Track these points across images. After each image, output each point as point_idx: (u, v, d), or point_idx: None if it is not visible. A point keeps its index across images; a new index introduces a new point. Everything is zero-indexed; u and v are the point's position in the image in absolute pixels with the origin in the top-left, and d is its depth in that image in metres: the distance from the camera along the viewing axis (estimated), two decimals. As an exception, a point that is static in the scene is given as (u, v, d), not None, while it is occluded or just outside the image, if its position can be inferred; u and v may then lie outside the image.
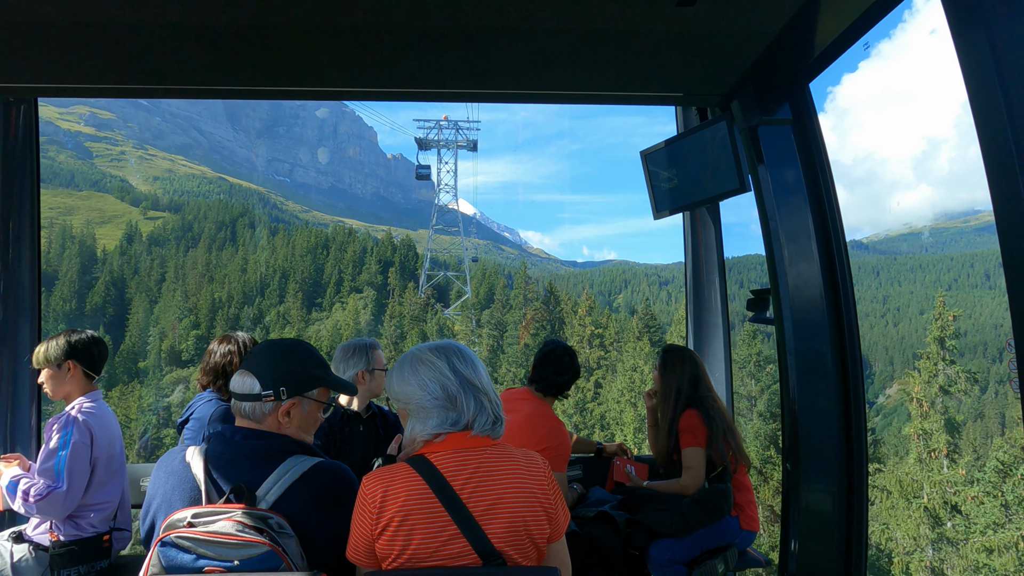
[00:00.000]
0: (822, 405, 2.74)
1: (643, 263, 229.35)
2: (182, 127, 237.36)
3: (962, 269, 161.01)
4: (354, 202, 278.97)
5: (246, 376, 1.80)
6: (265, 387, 1.78)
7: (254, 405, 1.78)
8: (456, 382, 1.68)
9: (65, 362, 2.77)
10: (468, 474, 1.64)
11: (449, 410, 1.68)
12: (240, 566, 1.56)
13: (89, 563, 2.66)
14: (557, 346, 3.24)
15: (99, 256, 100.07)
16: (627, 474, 3.48)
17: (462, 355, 1.73)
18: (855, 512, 2.69)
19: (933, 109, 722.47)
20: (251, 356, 1.84)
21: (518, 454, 1.72)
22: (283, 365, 1.81)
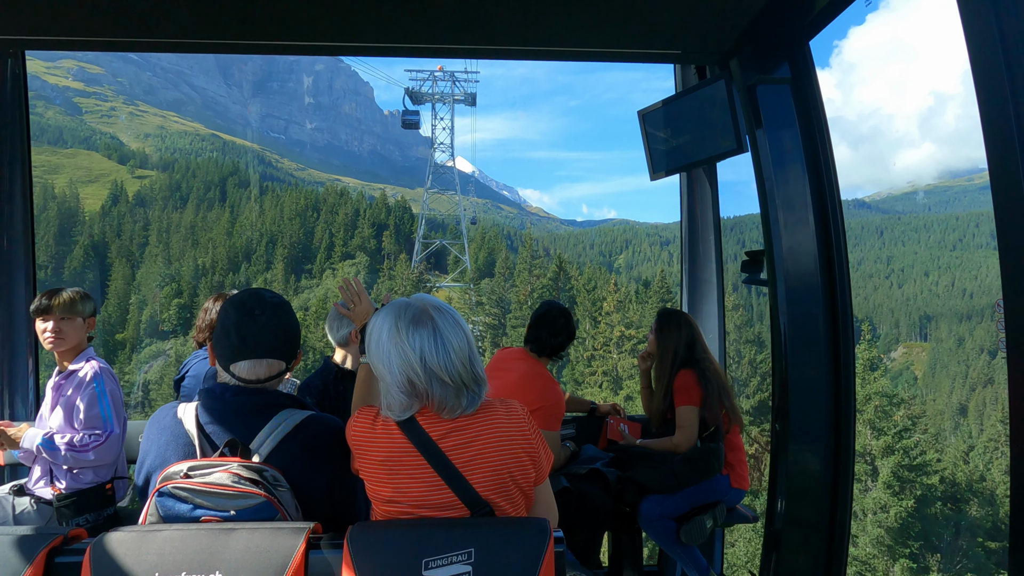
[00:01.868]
0: (812, 367, 2.78)
1: (644, 222, 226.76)
2: (173, 82, 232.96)
3: (967, 229, 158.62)
4: (351, 160, 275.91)
5: (265, 361, 1.79)
6: (289, 360, 1.85)
7: (279, 379, 1.83)
8: (423, 377, 1.62)
9: (90, 317, 2.86)
10: (448, 428, 1.66)
11: (412, 398, 1.64)
12: (236, 516, 1.60)
13: (95, 511, 2.72)
14: (552, 307, 3.28)
15: (85, 218, 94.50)
16: (620, 432, 3.54)
17: (436, 340, 1.63)
18: (841, 473, 2.75)
19: (941, 63, 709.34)
20: (257, 340, 1.78)
21: (497, 404, 1.73)
22: (291, 331, 1.85)
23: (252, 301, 1.82)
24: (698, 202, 4.03)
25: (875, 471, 26.30)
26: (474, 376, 1.66)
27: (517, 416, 1.73)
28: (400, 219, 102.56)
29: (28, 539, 1.56)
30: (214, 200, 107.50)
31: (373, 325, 1.69)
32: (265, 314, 1.80)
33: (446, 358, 1.62)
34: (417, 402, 1.64)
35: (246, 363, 1.79)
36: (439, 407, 1.64)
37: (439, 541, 1.53)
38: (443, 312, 1.68)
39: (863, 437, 26.30)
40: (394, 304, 1.71)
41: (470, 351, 1.66)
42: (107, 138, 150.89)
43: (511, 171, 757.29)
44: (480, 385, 1.68)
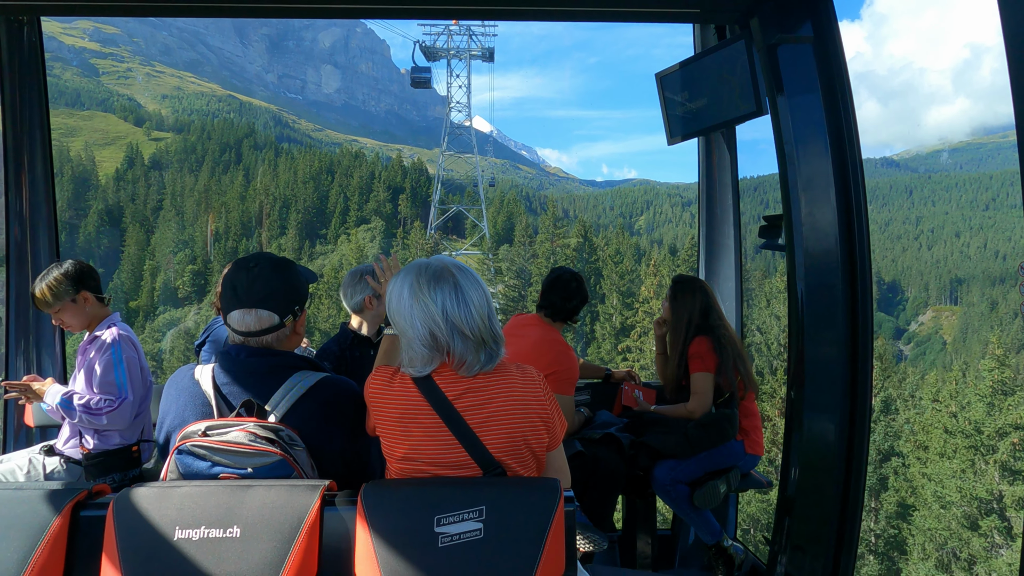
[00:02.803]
0: (829, 334, 2.75)
1: (664, 182, 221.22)
2: (189, 42, 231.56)
3: (1001, 187, 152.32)
4: (368, 120, 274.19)
5: (255, 312, 1.80)
6: (284, 315, 1.82)
7: (276, 335, 1.83)
8: (446, 330, 1.64)
9: (79, 295, 2.79)
10: (464, 389, 1.68)
11: (434, 352, 1.66)
12: (253, 473, 1.64)
13: (122, 471, 2.80)
14: (564, 272, 3.29)
15: (101, 182, 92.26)
16: (635, 399, 3.56)
17: (458, 295, 1.66)
18: (856, 442, 2.74)
19: (978, 14, 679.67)
20: (249, 290, 1.80)
21: (513, 369, 1.75)
22: (287, 285, 1.84)
23: (251, 257, 1.86)
24: (716, 164, 3.96)
25: (1009, 527, 19.05)
26: (493, 333, 1.69)
27: (533, 382, 1.74)
28: (416, 182, 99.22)
29: (55, 493, 1.62)
30: (230, 162, 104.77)
31: (394, 285, 1.72)
32: (259, 266, 1.83)
33: (467, 312, 1.65)
34: (438, 356, 1.67)
35: (237, 313, 1.81)
36: (459, 363, 1.67)
37: (451, 498, 1.56)
38: (463, 270, 1.71)
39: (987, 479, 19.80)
40: (414, 264, 1.73)
41: (489, 308, 1.69)
42: (124, 100, 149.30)
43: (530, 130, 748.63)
44: (498, 343, 1.70)
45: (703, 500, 3.07)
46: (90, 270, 2.85)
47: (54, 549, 1.54)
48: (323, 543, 1.59)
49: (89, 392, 2.71)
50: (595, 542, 2.80)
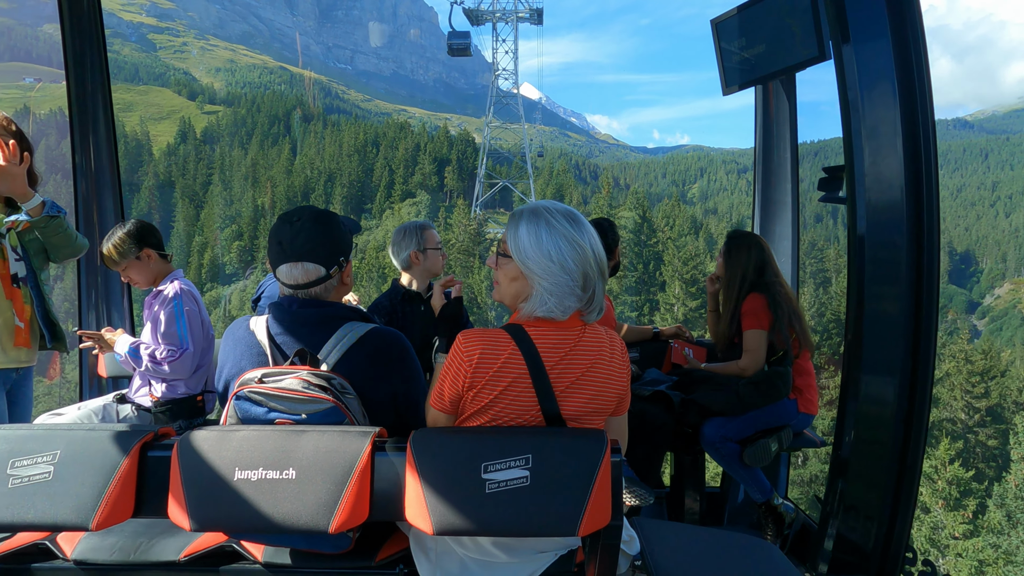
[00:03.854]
0: (891, 290, 2.64)
1: (719, 148, 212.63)
2: (241, 15, 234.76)
3: None
4: (416, 89, 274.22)
5: (301, 264, 1.82)
6: (329, 266, 1.85)
7: (324, 286, 1.85)
8: (596, 269, 1.63)
9: (142, 252, 2.89)
10: (562, 354, 1.67)
11: (580, 296, 1.64)
12: (307, 419, 1.69)
13: (187, 419, 2.94)
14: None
15: (155, 155, 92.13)
16: (684, 356, 3.51)
17: (594, 235, 1.66)
18: (917, 404, 2.64)
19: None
20: (288, 245, 1.83)
21: (605, 337, 1.74)
22: (330, 238, 1.86)
23: (294, 211, 1.89)
24: (774, 119, 3.81)
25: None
26: (598, 274, 1.67)
27: (619, 351, 1.74)
28: (463, 153, 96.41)
29: (125, 434, 1.70)
30: (278, 135, 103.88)
31: (518, 230, 1.66)
32: (302, 220, 1.85)
33: (602, 256, 1.67)
34: (581, 301, 1.66)
35: (285, 267, 1.84)
36: (593, 307, 1.67)
37: (498, 446, 1.57)
38: (574, 216, 1.68)
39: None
40: (529, 208, 1.69)
41: (602, 255, 1.67)
42: (179, 74, 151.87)
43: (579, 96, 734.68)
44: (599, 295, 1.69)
45: (753, 458, 3.03)
46: (152, 228, 2.95)
47: (125, 485, 1.63)
48: (374, 487, 1.62)
49: (154, 343, 2.83)
50: (641, 497, 2.80)
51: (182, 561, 1.84)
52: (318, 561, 1.82)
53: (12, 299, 2.43)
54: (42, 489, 1.61)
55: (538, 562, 1.74)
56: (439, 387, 1.72)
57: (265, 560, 1.83)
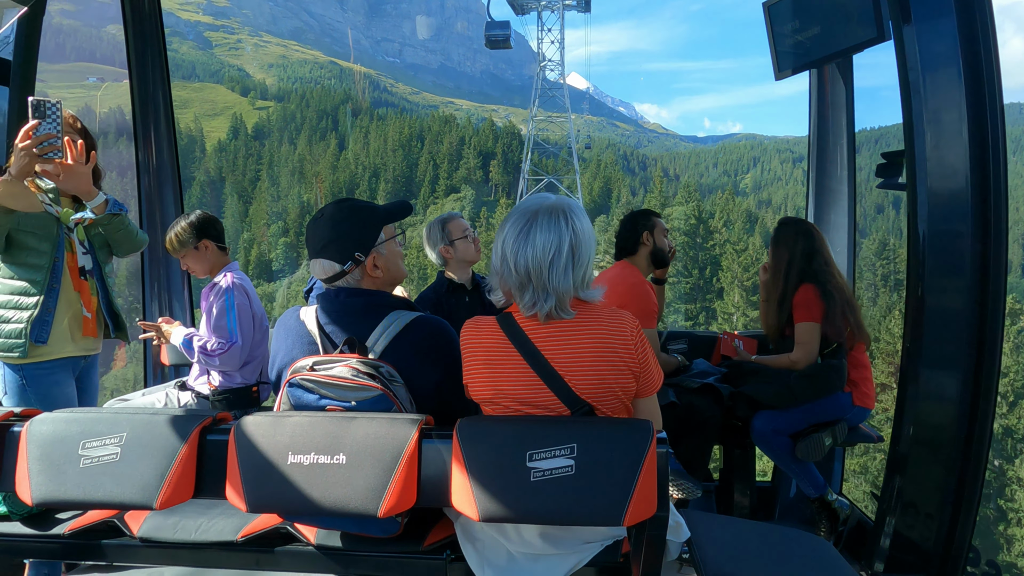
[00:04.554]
0: (955, 282, 2.53)
1: (772, 136, 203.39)
2: (293, 11, 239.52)
3: None
4: (464, 81, 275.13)
5: (320, 261, 1.90)
6: (343, 262, 1.88)
7: (345, 279, 1.91)
8: (501, 266, 1.72)
9: (200, 242, 3.00)
10: (549, 330, 1.71)
11: (501, 287, 1.76)
12: (357, 406, 1.73)
13: (243, 408, 3.04)
14: (624, 215, 3.44)
15: (208, 151, 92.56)
16: (734, 348, 3.45)
17: (528, 232, 1.69)
18: (982, 399, 2.53)
19: None
20: (311, 242, 1.92)
21: (603, 313, 1.74)
22: (342, 234, 1.89)
23: (323, 208, 1.94)
24: (829, 105, 3.69)
25: None
26: (554, 283, 1.66)
27: (622, 327, 1.72)
28: (508, 146, 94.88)
29: (185, 419, 1.78)
30: (326, 129, 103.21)
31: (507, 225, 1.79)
32: (323, 217, 1.91)
33: (527, 253, 1.67)
34: (506, 293, 1.76)
35: (312, 262, 1.93)
36: (524, 305, 1.71)
37: (543, 435, 1.58)
38: (554, 210, 1.70)
39: None
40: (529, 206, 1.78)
41: (558, 255, 1.66)
42: (234, 70, 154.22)
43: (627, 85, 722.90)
44: (562, 294, 1.68)
45: (806, 452, 2.96)
46: (213, 221, 3.06)
47: (186, 467, 1.70)
48: (421, 473, 1.65)
49: (208, 334, 2.94)
50: (688, 490, 2.78)
51: (239, 541, 1.91)
52: (368, 544, 1.86)
53: (80, 291, 2.55)
54: (110, 469, 1.70)
55: (584, 552, 1.75)
56: (463, 380, 1.81)
57: (317, 542, 1.89)
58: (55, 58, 37.32)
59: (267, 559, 1.93)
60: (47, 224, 2.44)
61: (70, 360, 2.56)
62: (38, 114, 2.20)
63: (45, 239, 2.43)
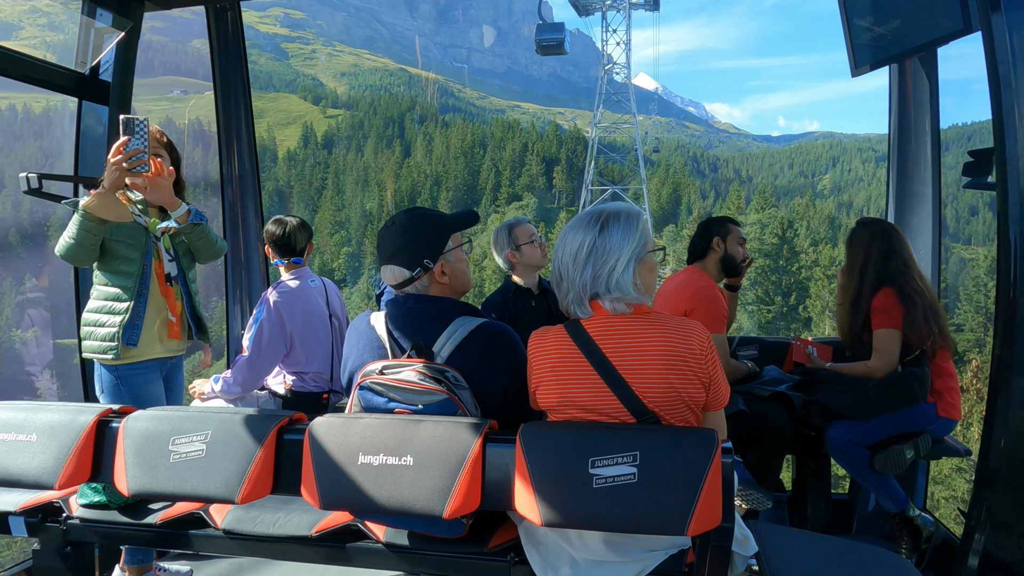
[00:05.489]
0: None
1: (853, 134, 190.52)
2: (365, 20, 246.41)
3: None
4: (530, 84, 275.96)
5: (390, 267, 1.97)
6: (413, 268, 1.94)
7: (415, 285, 1.96)
8: (556, 270, 1.82)
9: (265, 247, 3.24)
10: (616, 338, 1.72)
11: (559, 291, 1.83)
12: (423, 409, 1.78)
13: (312, 411, 3.18)
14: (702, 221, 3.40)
15: (280, 159, 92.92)
16: (807, 355, 3.33)
17: (569, 238, 1.79)
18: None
19: None
20: (382, 248, 1.98)
21: (671, 322, 1.74)
22: (412, 242, 1.95)
23: (394, 216, 2.01)
24: (911, 101, 3.50)
25: None
26: (583, 282, 1.75)
27: (691, 336, 1.71)
28: (573, 151, 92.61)
29: (264, 418, 1.88)
30: (392, 137, 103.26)
31: None
32: (394, 225, 1.97)
33: (558, 254, 1.80)
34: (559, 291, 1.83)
35: (382, 268, 2.00)
36: (564, 304, 1.81)
37: (606, 442, 1.58)
38: (597, 216, 1.79)
39: None
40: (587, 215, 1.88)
41: (577, 252, 1.75)
42: (307, 80, 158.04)
43: (697, 85, 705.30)
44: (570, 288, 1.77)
45: (885, 465, 2.83)
46: (275, 235, 3.18)
47: (264, 464, 1.80)
48: (485, 477, 1.69)
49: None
50: (757, 500, 2.70)
51: (314, 536, 2.00)
52: (434, 544, 1.91)
53: (166, 296, 2.72)
54: (196, 464, 1.81)
55: (647, 561, 1.74)
56: (528, 388, 1.87)
57: (386, 540, 1.95)
58: (144, 73, 39.84)
59: (339, 554, 2.01)
60: (136, 233, 2.61)
61: (159, 361, 2.73)
62: (128, 131, 2.38)
63: (135, 248, 2.61)
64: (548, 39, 54.63)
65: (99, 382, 2.66)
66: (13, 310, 42.74)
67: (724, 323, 3.12)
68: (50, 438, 1.89)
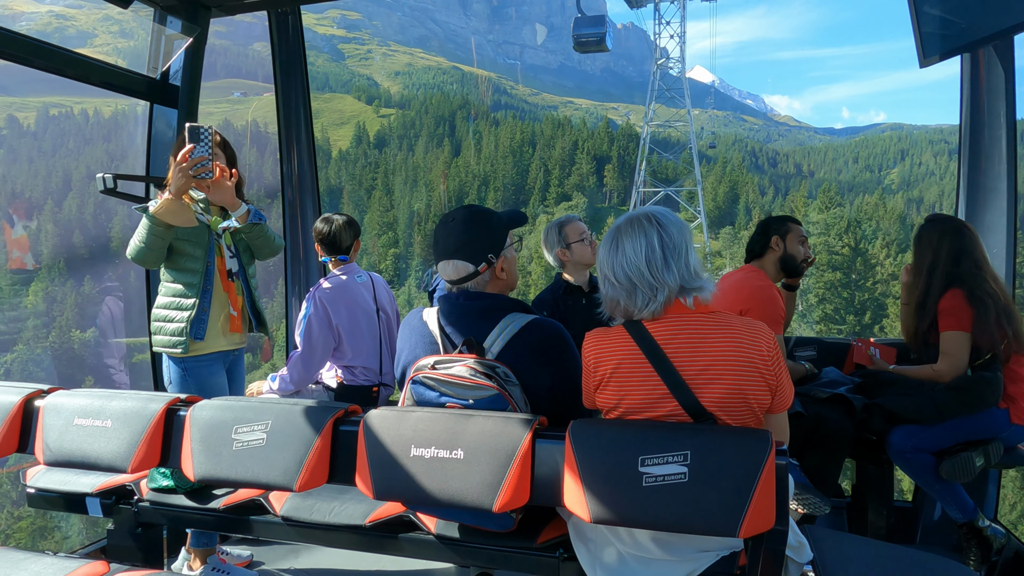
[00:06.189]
0: None
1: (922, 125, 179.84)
2: (419, 19, 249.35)
3: None
4: (583, 80, 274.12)
5: (453, 262, 1.97)
6: (477, 263, 1.96)
7: (476, 281, 1.98)
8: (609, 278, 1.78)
9: (317, 244, 3.30)
10: (681, 339, 1.69)
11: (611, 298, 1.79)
12: (474, 404, 1.81)
13: (363, 406, 3.26)
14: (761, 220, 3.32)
15: (334, 160, 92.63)
16: (869, 356, 3.22)
17: (616, 243, 1.76)
18: None
19: None
20: (443, 244, 1.98)
21: (738, 323, 1.70)
22: (476, 236, 1.97)
23: (452, 212, 2.03)
24: (985, 91, 3.32)
25: None
26: (652, 279, 1.72)
27: (759, 337, 1.68)
28: (624, 149, 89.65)
29: (321, 410, 1.94)
30: (443, 136, 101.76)
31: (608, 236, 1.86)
32: (455, 220, 1.98)
33: (620, 263, 1.75)
34: (619, 303, 1.78)
35: (441, 263, 2.00)
36: (636, 309, 1.75)
37: (656, 440, 1.57)
38: (638, 219, 1.78)
39: None
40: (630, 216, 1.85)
41: (648, 253, 1.72)
42: (363, 80, 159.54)
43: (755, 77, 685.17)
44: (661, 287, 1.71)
45: (952, 472, 2.71)
46: (322, 233, 3.25)
47: (321, 454, 1.85)
48: (534, 472, 1.70)
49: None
50: (815, 505, 2.63)
51: (367, 526, 2.05)
52: (484, 538, 1.93)
53: (228, 291, 2.84)
54: (257, 453, 1.88)
55: (698, 561, 1.72)
56: (584, 389, 1.84)
57: (437, 532, 1.99)
58: (207, 76, 41.96)
59: (391, 544, 2.06)
60: (200, 232, 2.73)
61: (222, 354, 2.85)
62: (193, 139, 2.49)
63: (199, 246, 2.73)
64: (586, 35, 45.01)
65: (167, 373, 2.80)
66: (88, 308, 45.01)
67: (781, 324, 3.04)
68: (123, 424, 1.99)
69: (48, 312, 44.14)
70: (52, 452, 2.03)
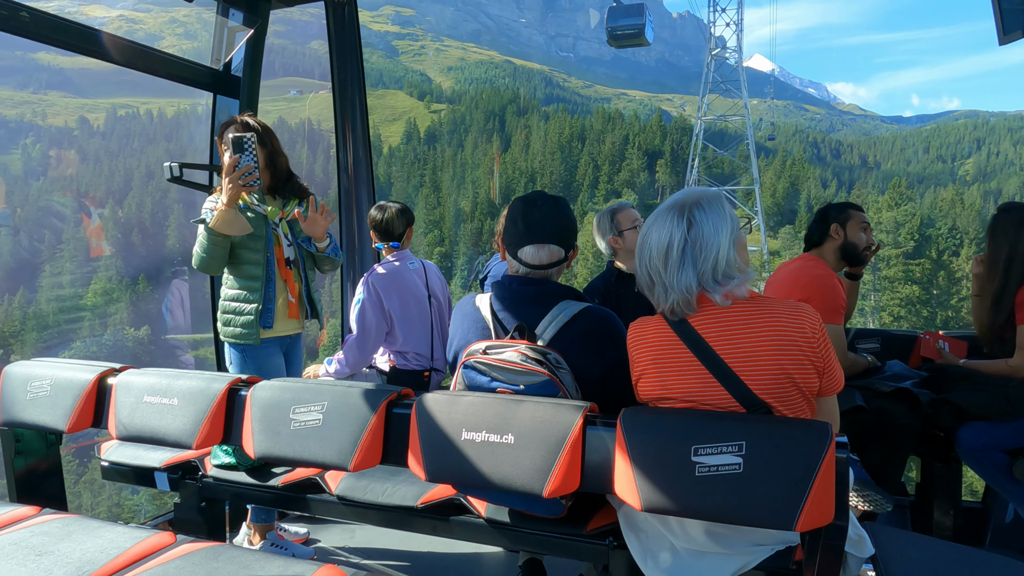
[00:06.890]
0: None
1: (1000, 112, 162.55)
2: (472, 13, 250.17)
3: None
4: (637, 71, 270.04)
5: (547, 247, 1.95)
6: (568, 248, 1.99)
7: (559, 268, 1.99)
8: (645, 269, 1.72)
9: (371, 231, 3.35)
10: (721, 327, 1.65)
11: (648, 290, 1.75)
12: (525, 390, 1.81)
13: (415, 390, 3.31)
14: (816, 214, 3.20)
15: (384, 157, 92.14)
16: (938, 350, 3.08)
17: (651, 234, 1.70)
18: None
19: None
20: (534, 227, 1.95)
21: (780, 306, 1.66)
22: (568, 221, 1.99)
23: (535, 195, 2.02)
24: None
25: None
26: (663, 276, 1.67)
27: (802, 318, 1.63)
28: (678, 143, 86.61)
29: (375, 392, 1.98)
30: (492, 131, 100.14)
31: None
32: (546, 204, 1.97)
33: (643, 254, 1.71)
34: (652, 294, 1.74)
35: (531, 248, 1.96)
36: (666, 307, 1.70)
37: (710, 430, 1.54)
38: (672, 206, 1.70)
39: None
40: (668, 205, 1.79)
41: (667, 252, 1.66)
42: (415, 75, 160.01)
43: (817, 64, 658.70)
44: (689, 295, 1.65)
45: (1025, 473, 2.58)
46: (377, 220, 3.29)
47: (375, 435, 1.89)
48: (585, 459, 1.69)
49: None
50: (876, 502, 2.53)
51: (419, 507, 2.09)
52: (533, 523, 1.94)
53: (287, 279, 2.92)
54: (314, 433, 1.93)
55: (752, 555, 1.68)
56: (632, 378, 1.82)
57: (487, 516, 2.00)
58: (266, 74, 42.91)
59: (442, 526, 2.08)
60: (258, 223, 2.82)
61: (279, 339, 2.94)
62: (238, 149, 2.57)
63: (259, 237, 2.82)
64: (623, 27, 42.24)
65: (229, 355, 2.90)
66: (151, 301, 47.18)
67: (842, 314, 2.93)
68: (189, 402, 2.08)
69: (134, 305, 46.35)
70: (124, 427, 2.13)
